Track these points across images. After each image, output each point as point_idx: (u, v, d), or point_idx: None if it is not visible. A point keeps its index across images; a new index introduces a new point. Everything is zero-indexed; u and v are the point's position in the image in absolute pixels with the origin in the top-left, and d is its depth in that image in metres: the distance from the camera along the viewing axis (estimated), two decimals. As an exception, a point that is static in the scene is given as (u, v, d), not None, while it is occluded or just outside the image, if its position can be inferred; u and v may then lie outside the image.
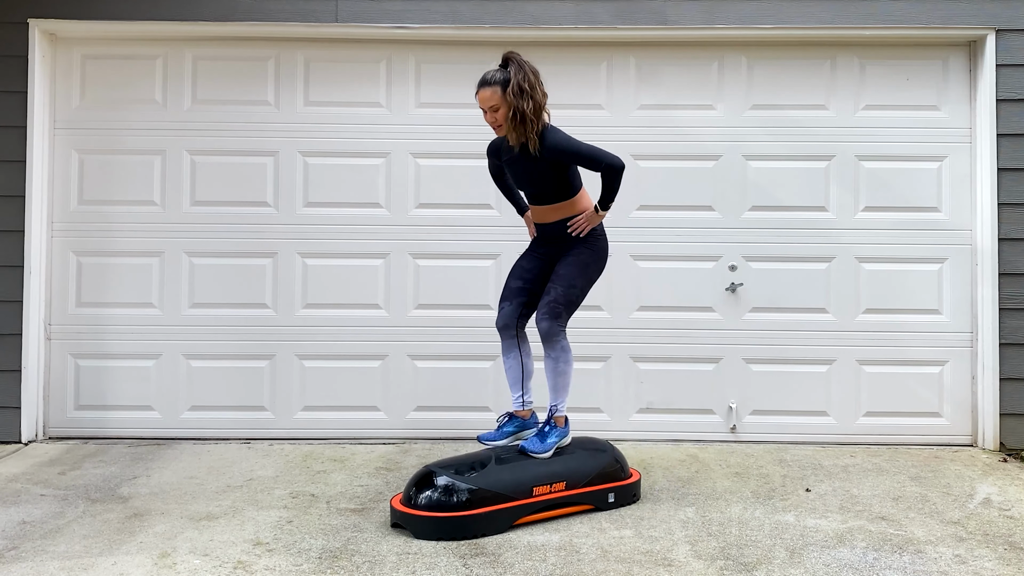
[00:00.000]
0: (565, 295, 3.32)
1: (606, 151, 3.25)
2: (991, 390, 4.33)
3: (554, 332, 3.30)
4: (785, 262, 4.49)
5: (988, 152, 4.35)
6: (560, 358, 3.34)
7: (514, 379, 3.46)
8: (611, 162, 3.23)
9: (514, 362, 3.45)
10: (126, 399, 4.47)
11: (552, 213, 3.40)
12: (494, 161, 3.58)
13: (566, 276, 3.35)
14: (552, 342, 3.32)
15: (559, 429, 3.37)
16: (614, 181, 3.26)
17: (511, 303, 3.44)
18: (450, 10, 4.38)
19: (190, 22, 4.37)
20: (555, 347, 3.32)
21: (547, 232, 3.46)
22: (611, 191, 3.28)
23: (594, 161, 3.23)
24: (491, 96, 3.21)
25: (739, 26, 4.37)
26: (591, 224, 3.36)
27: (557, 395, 3.38)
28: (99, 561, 2.83)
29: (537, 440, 3.32)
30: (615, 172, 3.24)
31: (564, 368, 3.35)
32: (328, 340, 4.49)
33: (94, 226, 4.48)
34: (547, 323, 3.30)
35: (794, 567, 2.82)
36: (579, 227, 3.35)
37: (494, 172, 3.65)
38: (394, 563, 2.82)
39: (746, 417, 4.47)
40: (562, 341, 3.34)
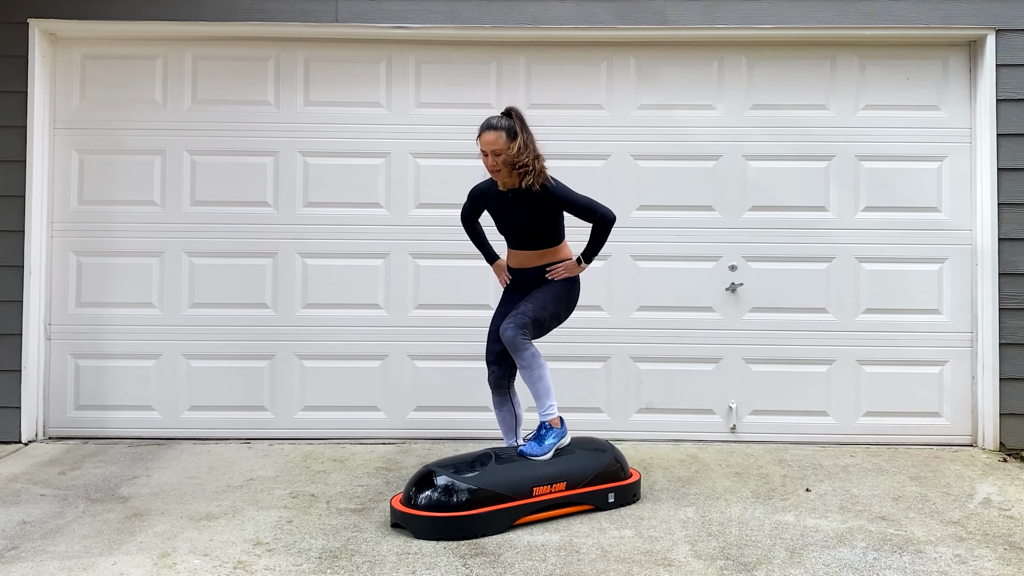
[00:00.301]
0: (534, 312, 3.37)
1: (601, 203, 3.38)
2: (991, 390, 4.33)
3: (518, 343, 3.31)
4: (785, 262, 4.49)
5: (988, 152, 4.35)
6: (532, 364, 3.34)
7: (507, 429, 3.57)
8: (604, 213, 3.36)
9: (507, 414, 3.55)
10: (126, 399, 4.47)
11: (534, 259, 3.47)
12: (474, 206, 3.63)
13: (539, 297, 3.42)
14: (519, 352, 3.32)
15: (555, 430, 3.38)
16: (604, 233, 3.38)
17: (499, 367, 3.51)
18: (450, 10, 4.38)
19: (190, 22, 4.37)
20: (524, 356, 3.33)
21: (525, 278, 3.51)
22: (597, 244, 3.40)
23: (589, 211, 3.35)
24: (495, 140, 3.28)
25: (739, 26, 4.37)
26: (569, 273, 3.46)
27: (543, 401, 3.39)
28: (99, 561, 2.83)
29: (535, 443, 3.34)
30: (607, 224, 3.37)
31: (540, 373, 3.36)
32: (328, 340, 4.49)
33: (94, 226, 4.48)
34: (511, 331, 3.31)
35: (794, 567, 2.82)
36: (557, 273, 3.44)
37: (466, 217, 3.70)
38: (394, 563, 2.82)
39: (746, 417, 4.47)
40: (530, 348, 3.34)
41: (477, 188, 3.59)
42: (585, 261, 3.44)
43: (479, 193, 3.58)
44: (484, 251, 3.75)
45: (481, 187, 3.57)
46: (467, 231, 3.73)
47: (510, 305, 3.52)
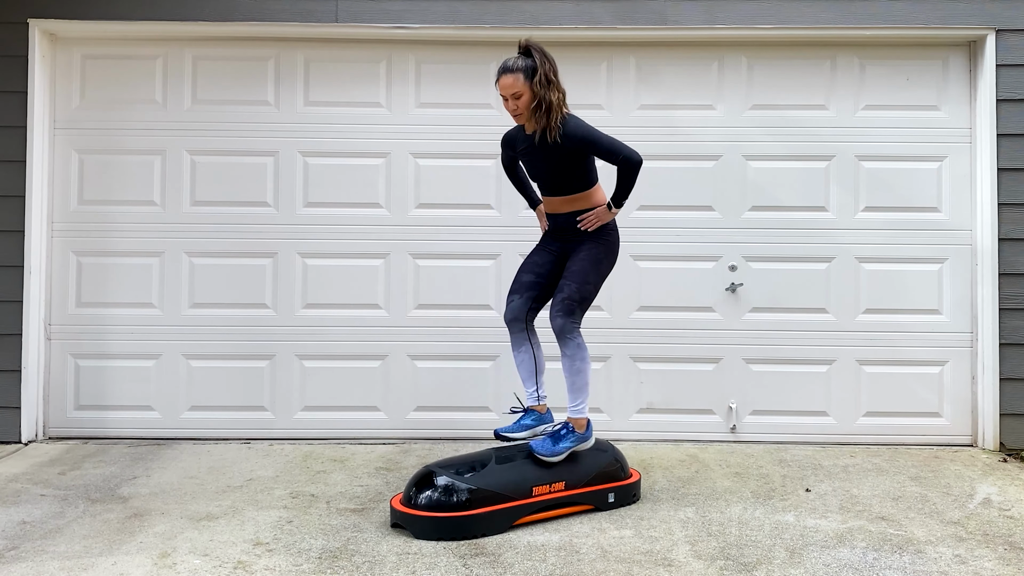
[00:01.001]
0: (579, 291, 3.27)
1: (625, 144, 3.21)
2: (991, 390, 4.33)
3: (568, 329, 3.26)
4: (785, 262, 4.49)
5: (988, 152, 4.35)
6: (576, 355, 3.28)
7: (527, 373, 3.41)
8: (628, 155, 3.19)
9: (526, 356, 3.41)
10: (126, 399, 4.47)
11: (566, 205, 3.35)
12: (508, 152, 3.54)
13: (579, 272, 3.29)
14: (566, 339, 3.27)
15: (577, 434, 3.29)
16: (630, 176, 3.22)
17: (521, 296, 3.40)
18: (450, 10, 4.38)
19: (190, 22, 4.37)
20: (570, 344, 3.28)
21: (559, 224, 3.41)
22: (626, 187, 3.24)
23: (612, 152, 3.19)
24: (513, 83, 3.17)
25: (739, 26, 4.37)
26: (601, 221, 3.32)
27: (576, 396, 3.31)
28: (99, 561, 2.83)
29: (549, 441, 3.24)
30: (632, 166, 3.20)
31: (581, 366, 3.29)
32: (328, 340, 4.49)
33: (94, 226, 4.48)
34: (561, 320, 3.25)
35: (794, 567, 2.82)
36: (588, 223, 3.31)
37: (506, 163, 3.60)
38: (394, 563, 2.82)
39: (746, 417, 4.47)
40: (577, 338, 3.29)
41: (507, 134, 3.50)
42: (615, 206, 3.29)
43: (510, 139, 3.48)
44: (526, 196, 3.65)
45: (510, 133, 3.48)
46: (509, 177, 3.64)
47: (543, 256, 3.44)
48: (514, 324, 3.41)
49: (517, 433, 3.36)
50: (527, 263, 3.49)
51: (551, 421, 3.43)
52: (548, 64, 3.21)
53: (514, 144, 3.46)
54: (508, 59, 3.23)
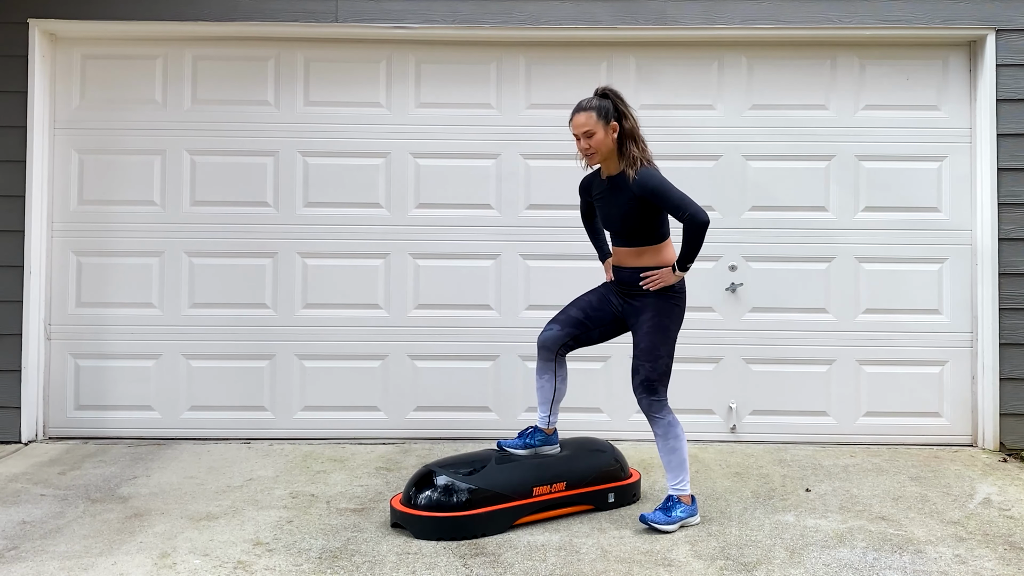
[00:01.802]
0: (655, 369, 3.12)
1: (695, 203, 3.06)
2: (991, 390, 4.33)
3: (655, 409, 3.13)
4: (785, 262, 4.49)
5: (988, 152, 4.35)
6: (668, 434, 3.14)
7: (544, 399, 3.35)
8: (695, 212, 3.03)
9: (547, 384, 3.34)
10: (126, 399, 4.47)
11: (633, 258, 3.22)
12: (584, 198, 3.47)
13: (649, 348, 3.14)
14: (655, 419, 3.14)
15: (685, 505, 3.17)
16: (696, 236, 3.06)
17: (562, 329, 3.31)
18: (450, 10, 4.38)
19: (190, 22, 4.37)
20: (660, 424, 3.14)
21: (623, 278, 3.26)
22: (692, 248, 3.07)
23: (679, 208, 3.06)
24: (586, 121, 3.12)
25: (739, 26, 4.37)
26: (664, 282, 3.15)
27: (675, 474, 3.18)
28: (99, 561, 2.83)
29: (662, 512, 3.14)
30: (698, 225, 3.04)
31: (675, 444, 3.15)
32: (328, 340, 4.48)
33: (94, 226, 4.48)
34: (646, 401, 3.13)
35: (794, 567, 2.82)
36: (651, 282, 3.16)
37: (584, 211, 3.52)
38: (394, 563, 2.82)
39: (746, 417, 4.47)
40: (667, 416, 3.14)
41: (585, 179, 3.43)
42: (680, 268, 3.13)
43: (586, 184, 3.42)
44: (597, 246, 3.56)
45: (588, 178, 3.42)
46: (584, 225, 3.56)
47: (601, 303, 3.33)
48: (543, 351, 3.33)
49: (519, 451, 3.33)
50: (583, 300, 3.39)
51: (556, 443, 3.40)
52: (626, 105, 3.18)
53: (590, 189, 3.39)
54: (583, 99, 3.18)
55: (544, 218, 4.46)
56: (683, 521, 3.15)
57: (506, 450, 3.33)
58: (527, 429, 3.41)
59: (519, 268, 4.49)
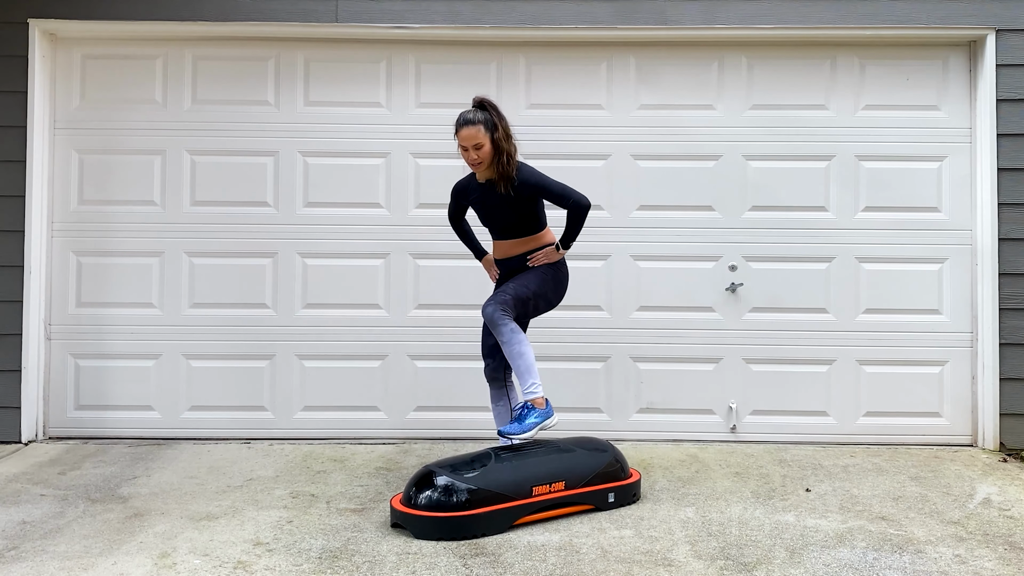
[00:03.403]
0: (515, 290, 3.38)
1: (574, 189, 3.37)
2: (991, 390, 4.33)
3: (497, 318, 3.32)
4: (785, 262, 4.49)
5: (988, 152, 4.35)
6: (511, 340, 3.32)
7: (502, 421, 3.57)
8: (578, 199, 3.34)
9: (503, 410, 3.59)
10: (126, 399, 4.47)
11: (517, 247, 3.49)
12: (459, 202, 3.67)
13: (520, 278, 3.44)
14: (498, 327, 3.33)
15: (538, 410, 3.32)
16: (579, 219, 3.36)
17: (494, 359, 3.56)
18: (450, 10, 4.38)
19: (190, 22, 4.37)
20: (502, 332, 3.33)
21: (510, 267, 3.53)
22: (574, 229, 3.39)
23: (562, 197, 3.35)
24: (475, 134, 3.30)
25: (739, 26, 4.37)
26: (549, 260, 3.46)
27: (524, 378, 3.34)
28: (99, 561, 2.83)
29: (516, 423, 3.30)
30: (581, 210, 3.35)
31: (520, 349, 3.32)
32: (328, 340, 4.49)
33: (94, 226, 4.48)
34: (491, 308, 3.33)
35: (794, 567, 2.82)
36: (537, 260, 3.45)
37: (453, 214, 3.73)
38: (394, 563, 2.82)
39: (746, 417, 4.47)
40: (508, 323, 3.33)
41: (458, 185, 3.65)
42: (563, 247, 3.45)
43: (461, 189, 3.63)
44: (472, 248, 3.80)
45: (461, 183, 3.63)
46: (455, 229, 3.78)
47: None
48: (494, 382, 3.59)
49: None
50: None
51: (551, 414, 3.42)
52: (503, 118, 3.38)
53: (467, 193, 3.59)
54: (467, 111, 3.36)
55: (544, 218, 4.46)
56: (541, 425, 3.28)
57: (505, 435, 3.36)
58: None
59: (519, 268, 4.49)
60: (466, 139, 3.32)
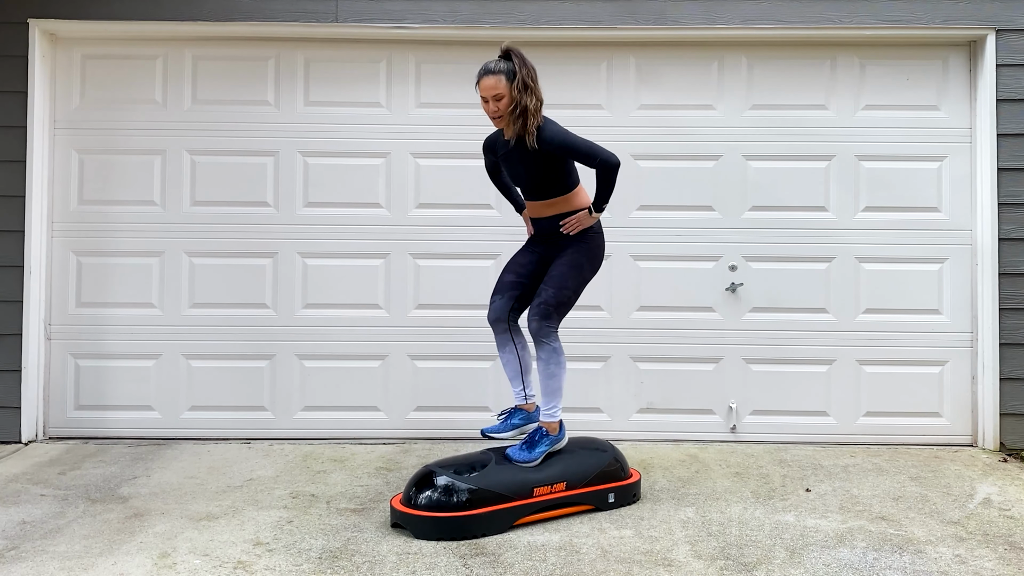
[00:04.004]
0: (556, 296, 3.27)
1: (602, 147, 3.20)
2: (991, 390, 4.33)
3: (544, 332, 3.26)
4: (785, 262, 4.49)
5: (988, 152, 4.35)
6: (551, 360, 3.28)
7: (513, 372, 3.41)
8: (606, 158, 3.17)
9: (511, 356, 3.40)
10: (126, 399, 4.47)
11: (547, 208, 3.36)
12: (490, 157, 3.55)
13: (558, 277, 3.29)
14: (542, 343, 3.28)
15: (551, 436, 3.30)
16: (609, 179, 3.20)
17: (503, 296, 3.40)
18: (450, 10, 4.38)
19: (190, 22, 4.37)
20: (545, 348, 3.28)
21: (542, 228, 3.42)
22: (606, 191, 3.23)
23: (589, 156, 3.18)
24: (495, 84, 3.16)
25: (739, 26, 4.37)
26: (582, 225, 3.31)
27: (548, 399, 3.31)
28: (99, 561, 2.83)
29: (524, 449, 3.24)
30: (610, 169, 3.18)
31: (555, 371, 3.29)
32: (328, 340, 4.49)
33: (94, 226, 4.49)
34: (536, 323, 3.26)
35: (794, 567, 2.82)
36: (570, 227, 3.31)
37: (490, 168, 3.61)
38: (394, 563, 2.82)
39: (746, 417, 4.47)
40: (553, 343, 3.29)
41: (488, 139, 3.51)
42: (596, 210, 3.28)
43: (490, 144, 3.49)
44: (512, 200, 3.65)
45: (491, 138, 3.49)
46: (493, 182, 3.65)
47: (527, 256, 3.45)
48: (497, 324, 3.40)
49: (504, 432, 3.36)
50: (510, 263, 3.49)
51: (537, 420, 3.41)
52: (527, 69, 3.19)
53: (494, 148, 3.46)
54: (489, 62, 3.22)
55: (544, 218, 4.46)
56: (546, 452, 3.26)
57: (491, 435, 3.35)
58: (507, 409, 3.43)
59: (519, 268, 4.48)
60: (485, 89, 3.17)
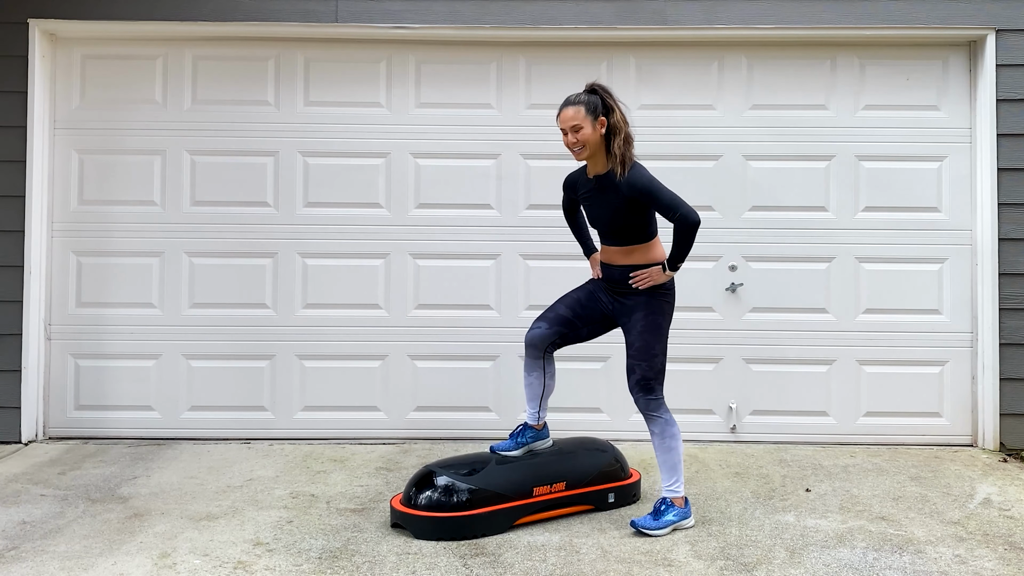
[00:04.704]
0: (651, 367, 3.12)
1: (686, 203, 3.06)
2: (991, 390, 4.33)
3: (653, 407, 3.13)
4: (785, 262, 4.49)
5: (988, 152, 4.35)
6: (665, 433, 3.13)
7: (532, 396, 3.34)
8: (686, 212, 3.03)
9: (536, 381, 3.33)
10: (126, 399, 4.47)
11: (622, 256, 3.21)
12: (569, 195, 3.43)
13: (644, 348, 3.13)
14: (653, 418, 3.13)
15: (678, 508, 3.15)
16: (687, 236, 3.05)
17: (550, 328, 3.29)
18: (450, 10, 4.38)
19: (190, 22, 4.37)
20: (657, 423, 3.13)
21: (614, 276, 3.24)
22: (683, 248, 3.07)
23: (670, 209, 3.05)
24: (574, 115, 3.08)
25: (739, 26, 4.37)
26: (654, 281, 3.13)
27: (670, 475, 3.15)
28: (99, 561, 2.83)
29: (651, 517, 3.11)
30: (688, 226, 3.03)
31: (671, 444, 3.13)
32: (328, 340, 4.48)
33: (94, 226, 4.48)
34: (643, 401, 3.13)
35: (794, 567, 2.82)
36: (641, 282, 3.14)
37: (566, 206, 3.49)
38: (394, 563, 2.82)
39: (746, 417, 4.47)
40: (664, 415, 3.14)
41: (570, 177, 3.39)
42: (670, 268, 3.12)
43: (571, 182, 3.38)
44: (582, 242, 3.53)
45: (572, 176, 3.37)
46: (567, 221, 3.53)
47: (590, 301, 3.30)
48: (531, 349, 3.31)
49: (513, 451, 3.32)
50: (570, 297, 3.36)
51: (547, 437, 3.40)
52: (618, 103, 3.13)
53: (575, 187, 3.34)
54: (571, 94, 3.15)
55: (544, 218, 4.46)
56: (675, 524, 3.13)
57: (500, 454, 3.31)
58: (518, 428, 3.39)
59: (519, 268, 4.49)
60: (565, 120, 3.09)
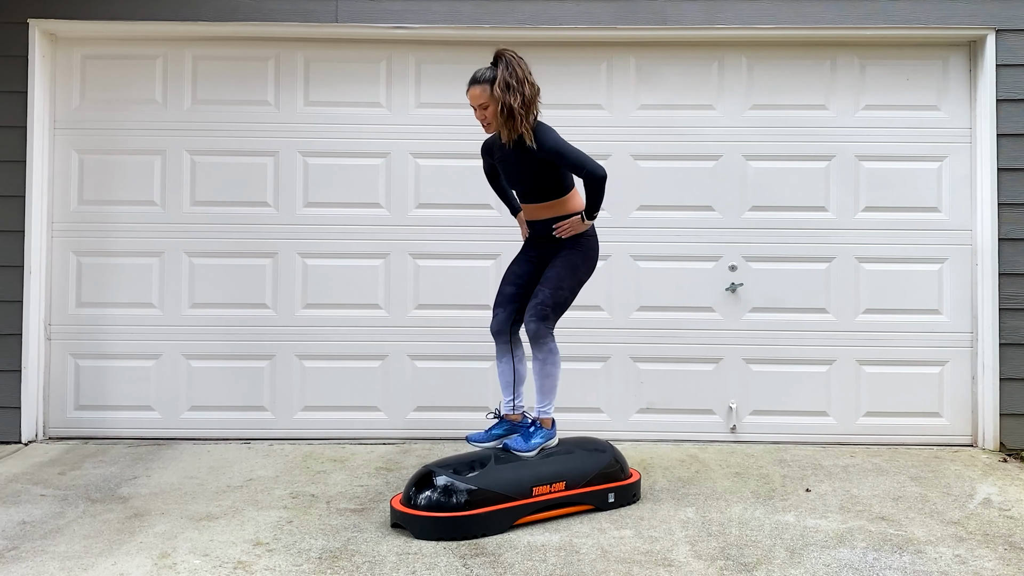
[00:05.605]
0: (552, 297, 3.32)
1: (591, 159, 3.24)
2: (991, 390, 4.33)
3: (541, 334, 3.32)
4: (785, 262, 4.49)
5: (988, 152, 4.35)
6: (547, 360, 3.35)
7: (506, 383, 3.47)
8: (592, 169, 3.22)
9: (506, 367, 3.46)
10: (126, 399, 4.47)
11: (542, 211, 3.40)
12: (487, 160, 3.58)
13: (554, 278, 3.35)
14: (539, 344, 3.33)
15: (545, 431, 3.37)
16: (596, 190, 3.25)
17: (504, 309, 3.46)
18: (450, 10, 4.38)
19: (190, 22, 4.37)
20: (542, 349, 3.34)
21: (538, 231, 3.46)
22: (595, 200, 3.28)
23: (577, 166, 3.23)
24: (480, 94, 3.22)
25: (739, 26, 4.37)
26: (575, 230, 3.35)
27: (543, 397, 3.39)
28: (99, 561, 2.83)
29: (521, 439, 3.33)
30: (596, 180, 3.23)
31: (551, 370, 3.36)
32: (328, 340, 4.49)
33: (94, 226, 4.49)
34: (534, 325, 3.31)
35: (794, 567, 2.82)
36: (563, 231, 3.35)
37: (488, 171, 3.65)
38: (394, 563, 2.82)
39: (746, 417, 4.47)
40: (550, 343, 3.35)
41: (486, 142, 3.53)
42: (588, 217, 3.33)
43: (488, 147, 3.52)
44: (508, 203, 3.69)
45: (489, 141, 3.50)
46: (491, 185, 3.68)
47: (523, 266, 3.49)
48: (499, 336, 3.46)
49: (486, 443, 3.41)
50: (508, 274, 3.53)
51: (526, 426, 3.43)
52: (511, 69, 3.17)
53: (491, 152, 3.49)
54: (478, 70, 3.27)
55: (544, 218, 4.46)
56: (542, 445, 3.33)
57: (474, 444, 3.41)
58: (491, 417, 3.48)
59: (519, 268, 4.49)
60: (472, 99, 3.24)
